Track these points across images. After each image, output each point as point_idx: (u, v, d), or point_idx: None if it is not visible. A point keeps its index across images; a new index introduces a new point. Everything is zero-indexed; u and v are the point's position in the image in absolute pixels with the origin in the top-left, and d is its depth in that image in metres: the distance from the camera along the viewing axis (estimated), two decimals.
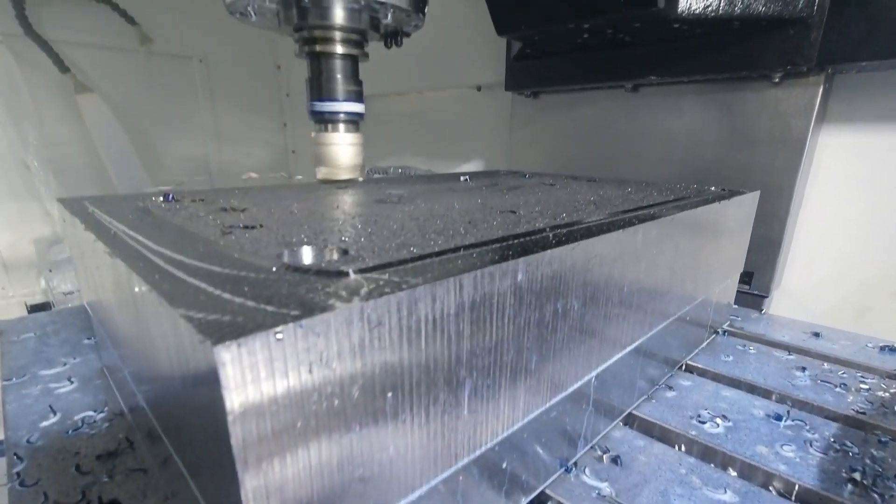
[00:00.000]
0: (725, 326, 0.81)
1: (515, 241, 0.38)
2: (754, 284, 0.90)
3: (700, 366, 0.67)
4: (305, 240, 0.38)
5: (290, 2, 0.71)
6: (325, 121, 0.83)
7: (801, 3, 0.75)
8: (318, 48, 0.77)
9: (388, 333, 0.27)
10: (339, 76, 0.79)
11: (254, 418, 0.22)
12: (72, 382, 0.60)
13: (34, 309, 1.53)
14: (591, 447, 0.51)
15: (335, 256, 0.34)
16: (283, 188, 0.71)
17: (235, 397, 0.21)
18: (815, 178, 0.88)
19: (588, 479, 0.46)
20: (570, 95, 1.13)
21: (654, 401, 0.59)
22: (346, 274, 0.29)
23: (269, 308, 0.24)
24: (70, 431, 0.51)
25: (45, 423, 0.52)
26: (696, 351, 0.71)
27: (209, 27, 1.84)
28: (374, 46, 0.89)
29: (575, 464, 0.48)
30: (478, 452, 0.36)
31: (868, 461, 0.49)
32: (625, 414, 0.56)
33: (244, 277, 0.29)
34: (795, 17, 0.75)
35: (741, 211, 0.71)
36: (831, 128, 0.86)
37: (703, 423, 0.54)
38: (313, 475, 0.25)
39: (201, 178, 1.96)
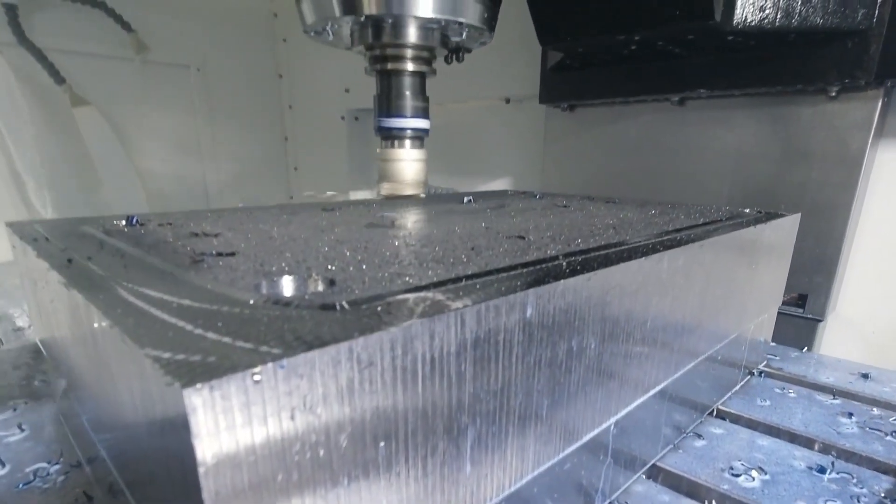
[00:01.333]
0: (762, 367, 0.81)
1: (524, 270, 0.38)
2: (808, 308, 0.92)
3: (733, 411, 0.67)
4: (287, 269, 0.38)
5: (366, 21, 0.80)
6: (391, 137, 0.91)
7: (859, 15, 0.77)
8: (389, 66, 0.87)
9: (380, 375, 0.27)
10: (407, 93, 0.89)
11: (228, 470, 0.22)
12: (22, 430, 0.60)
13: None
14: (611, 503, 0.51)
15: (320, 287, 0.35)
16: (260, 210, 0.72)
17: (207, 447, 0.21)
18: (873, 196, 0.90)
19: None
20: (610, 109, 1.15)
21: (681, 451, 0.59)
22: (333, 307, 0.29)
23: (246, 346, 0.24)
24: (21, 485, 0.50)
25: None
26: (729, 394, 0.71)
27: (207, 33, 1.86)
28: None
29: None
30: None
31: None
32: (648, 466, 0.56)
33: (217, 311, 0.29)
34: (854, 29, 0.78)
35: (780, 236, 0.71)
36: (890, 143, 0.87)
37: (737, 475, 0.54)
38: None
39: (197, 197, 1.97)
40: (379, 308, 0.29)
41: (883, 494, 0.52)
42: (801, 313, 0.92)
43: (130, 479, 0.36)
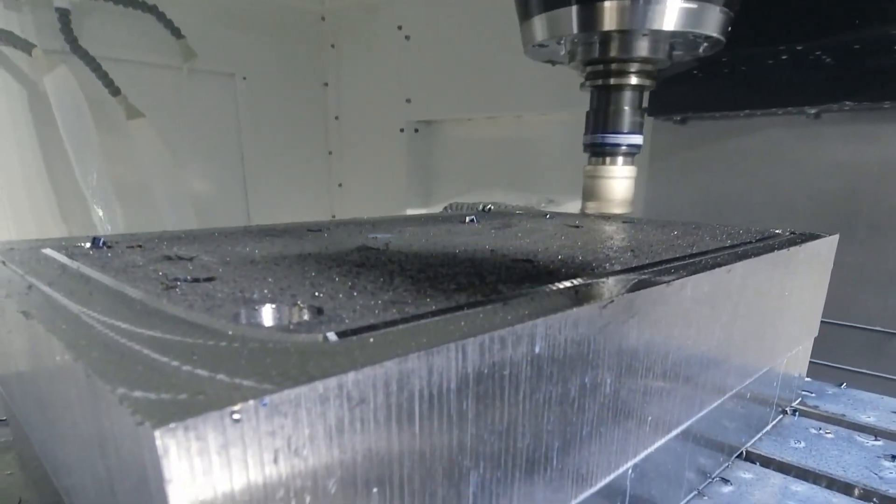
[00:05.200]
0: (796, 404, 0.81)
1: (532, 297, 0.38)
2: None
3: (764, 454, 0.67)
4: (269, 295, 0.38)
5: (593, 36, 0.83)
6: (604, 153, 0.95)
7: None
8: (612, 81, 0.90)
9: (372, 413, 0.27)
10: (627, 108, 0.91)
11: None
12: None
13: None
14: None
15: (306, 317, 0.35)
16: (240, 233, 0.72)
17: (181, 493, 0.21)
18: None
19: None
20: (730, 122, 1.14)
21: (706, 497, 0.59)
22: (321, 339, 0.29)
23: (224, 381, 0.24)
24: None
25: None
26: (760, 435, 0.71)
27: (252, 39, 1.87)
28: (461, 64, 0.96)
29: None
30: None
31: None
32: None
33: (192, 343, 0.29)
34: None
35: (816, 260, 0.71)
36: None
37: None
38: None
39: (237, 213, 1.97)
40: (371, 340, 0.29)
41: None
42: None
43: None
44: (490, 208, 1.13)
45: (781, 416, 0.77)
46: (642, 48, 0.84)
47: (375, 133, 1.98)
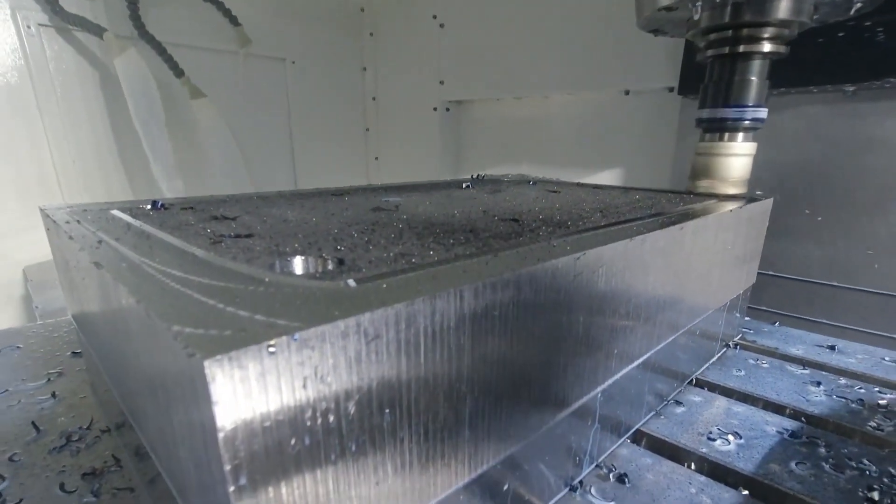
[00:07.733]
0: (737, 339, 0.81)
1: (518, 250, 0.38)
2: None
3: (710, 380, 0.67)
4: (299, 249, 0.38)
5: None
6: (723, 129, 0.76)
7: None
8: (741, 48, 0.71)
9: (385, 347, 0.27)
10: (754, 78, 0.73)
11: (245, 436, 0.22)
12: (56, 398, 0.60)
13: None
14: (597, 465, 0.51)
15: (330, 266, 0.35)
16: (275, 196, 0.71)
17: (226, 414, 0.21)
18: None
19: (594, 498, 0.46)
20: None
21: (662, 417, 0.59)
22: (342, 285, 0.29)
23: (262, 320, 0.24)
24: (54, 449, 0.51)
25: (27, 440, 0.52)
26: (707, 365, 0.71)
27: (300, 27, 1.84)
28: (492, 48, 0.95)
29: (580, 483, 0.48)
30: (479, 471, 0.36)
31: (886, 480, 0.48)
32: (632, 431, 0.56)
33: (235, 289, 0.29)
34: None
35: (755, 219, 0.71)
36: None
37: (714, 440, 0.54)
38: (308, 495, 0.25)
39: (286, 184, 1.95)
40: (384, 286, 0.29)
41: (849, 457, 0.52)
42: None
43: (155, 443, 0.36)
44: (483, 176, 1.09)
45: (725, 349, 0.77)
46: (783, 9, 0.65)
47: (409, 112, 1.95)
